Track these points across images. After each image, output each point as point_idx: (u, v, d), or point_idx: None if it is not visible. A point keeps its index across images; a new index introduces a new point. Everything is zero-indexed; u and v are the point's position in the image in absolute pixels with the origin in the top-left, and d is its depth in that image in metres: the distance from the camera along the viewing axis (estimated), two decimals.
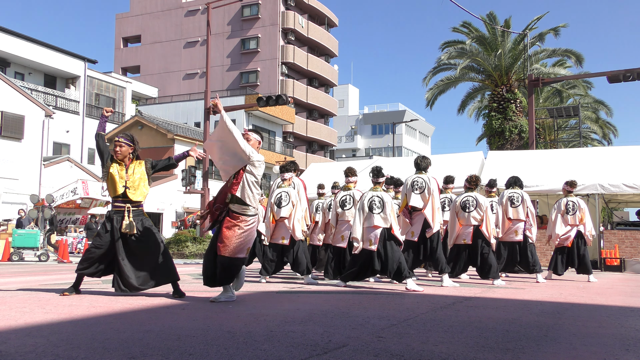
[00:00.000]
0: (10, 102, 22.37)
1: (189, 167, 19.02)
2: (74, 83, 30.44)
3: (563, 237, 8.93)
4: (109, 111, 5.53)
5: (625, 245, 12.60)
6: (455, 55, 25.45)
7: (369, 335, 3.36)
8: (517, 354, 2.92)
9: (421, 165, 7.45)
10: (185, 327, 3.49)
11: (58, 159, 24.66)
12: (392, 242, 6.54)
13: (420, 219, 7.32)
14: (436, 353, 2.87)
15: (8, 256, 14.53)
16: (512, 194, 8.79)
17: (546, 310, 4.92)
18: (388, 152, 53.61)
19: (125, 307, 4.42)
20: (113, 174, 5.21)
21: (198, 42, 41.97)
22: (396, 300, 5.34)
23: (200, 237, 18.16)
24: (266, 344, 2.98)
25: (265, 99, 18.33)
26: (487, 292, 6.54)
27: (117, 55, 45.46)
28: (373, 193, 6.70)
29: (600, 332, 3.74)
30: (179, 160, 5.61)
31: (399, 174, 9.12)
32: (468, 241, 7.95)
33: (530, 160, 14.50)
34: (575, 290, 7.13)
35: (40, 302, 4.63)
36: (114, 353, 2.71)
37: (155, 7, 43.99)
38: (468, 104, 28.85)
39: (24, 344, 2.90)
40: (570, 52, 24.68)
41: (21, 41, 27.90)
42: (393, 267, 6.43)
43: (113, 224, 5.15)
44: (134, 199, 5.22)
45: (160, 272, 5.17)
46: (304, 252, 7.27)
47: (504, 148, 22.89)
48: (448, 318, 4.19)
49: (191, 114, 36.55)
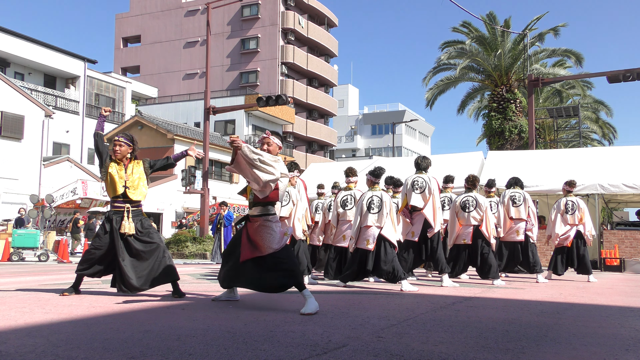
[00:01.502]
0: (10, 102, 22.37)
1: (189, 167, 19.02)
2: (73, 83, 30.44)
3: (562, 237, 8.93)
4: (107, 111, 5.49)
5: (625, 245, 12.60)
6: (455, 55, 25.46)
7: (368, 335, 3.36)
8: (517, 354, 2.91)
9: (422, 165, 7.45)
10: (185, 327, 3.49)
11: (58, 159, 24.66)
12: (386, 243, 6.54)
13: (420, 219, 7.32)
14: (436, 353, 2.87)
15: (8, 256, 14.53)
16: (513, 193, 8.81)
17: (546, 310, 4.92)
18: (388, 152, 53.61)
19: (125, 307, 4.41)
20: (112, 174, 5.20)
21: (198, 42, 41.97)
22: (396, 300, 5.34)
23: (200, 237, 18.17)
24: (266, 344, 2.98)
25: (265, 99, 18.33)
26: (487, 292, 6.54)
27: (117, 55, 45.47)
28: (372, 193, 6.72)
29: (600, 332, 3.73)
30: (178, 160, 5.61)
31: (399, 174, 9.12)
32: (468, 241, 7.96)
33: (530, 160, 14.50)
34: (575, 290, 7.13)
35: (40, 302, 4.63)
36: (114, 353, 2.71)
37: (155, 7, 44.00)
38: (468, 104, 28.86)
39: (24, 344, 2.90)
40: (570, 52, 24.68)
41: (21, 41, 27.90)
42: (387, 269, 6.44)
43: (112, 225, 5.14)
44: (133, 198, 5.22)
45: (160, 272, 5.17)
46: (304, 252, 7.27)
47: (503, 148, 22.90)
48: (448, 318, 4.19)
49: (191, 114, 36.55)
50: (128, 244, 5.14)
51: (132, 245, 5.13)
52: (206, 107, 19.11)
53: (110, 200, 5.32)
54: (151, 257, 5.16)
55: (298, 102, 40.90)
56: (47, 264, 13.58)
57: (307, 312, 4.16)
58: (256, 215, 4.62)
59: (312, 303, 4.26)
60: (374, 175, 6.83)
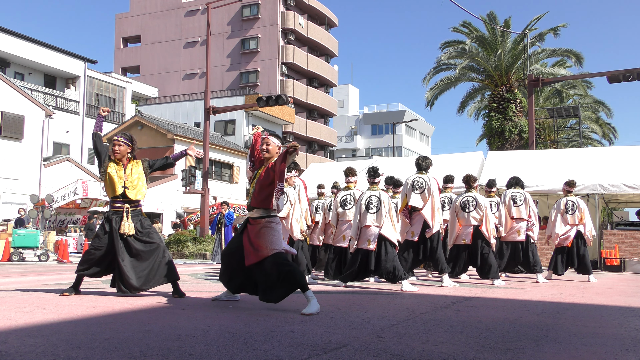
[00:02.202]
0: (10, 102, 22.38)
1: (189, 167, 19.02)
2: (73, 83, 30.44)
3: (562, 237, 8.93)
4: (106, 111, 5.46)
5: (625, 245, 12.61)
6: (455, 55, 25.45)
7: (369, 335, 3.36)
8: (517, 354, 2.91)
9: (422, 165, 7.45)
10: (185, 327, 3.49)
11: (58, 159, 24.66)
12: (386, 243, 6.54)
13: (420, 219, 7.32)
14: (436, 353, 2.87)
15: (8, 256, 14.53)
16: (514, 193, 8.81)
17: (546, 310, 4.92)
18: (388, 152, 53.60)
19: (125, 307, 4.41)
20: (111, 174, 5.20)
21: (198, 42, 41.97)
22: (396, 301, 5.34)
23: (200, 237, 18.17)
24: (266, 344, 2.98)
25: (265, 99, 18.33)
26: (487, 292, 6.54)
27: (117, 55, 45.46)
28: (371, 192, 6.72)
29: (600, 332, 3.73)
30: (177, 159, 5.61)
31: (398, 174, 9.12)
32: (468, 241, 7.96)
33: (530, 160, 14.50)
34: (575, 290, 7.13)
35: (40, 302, 4.63)
36: (114, 353, 2.71)
37: (155, 7, 43.99)
38: (468, 104, 28.86)
39: (24, 344, 2.90)
40: (570, 52, 24.68)
41: (21, 41, 27.89)
42: (387, 269, 6.44)
43: (112, 225, 5.14)
44: (133, 198, 5.21)
45: (160, 272, 5.16)
46: (304, 252, 7.27)
47: (504, 148, 22.89)
48: (448, 318, 4.19)
49: (191, 114, 36.53)
50: (128, 244, 5.13)
51: (131, 245, 5.12)
52: (206, 107, 19.10)
53: (109, 201, 5.31)
54: (151, 257, 5.15)
55: (298, 102, 40.89)
56: (47, 264, 13.58)
57: (309, 312, 4.16)
58: (258, 217, 4.60)
59: (314, 305, 4.25)
60: (370, 176, 6.84)
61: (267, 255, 4.43)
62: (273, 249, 4.45)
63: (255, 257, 4.47)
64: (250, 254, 4.51)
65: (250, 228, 4.62)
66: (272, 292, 4.37)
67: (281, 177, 4.44)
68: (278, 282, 4.35)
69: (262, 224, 4.54)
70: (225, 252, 4.82)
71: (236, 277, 4.70)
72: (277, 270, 4.36)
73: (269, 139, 4.73)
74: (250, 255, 4.50)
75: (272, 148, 4.71)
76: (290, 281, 4.33)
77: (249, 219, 4.70)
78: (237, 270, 4.67)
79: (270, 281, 4.38)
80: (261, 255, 4.45)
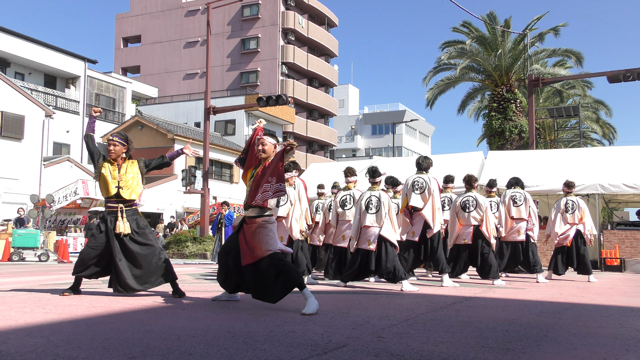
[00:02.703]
0: (10, 102, 22.37)
1: (189, 167, 19.01)
2: (74, 83, 30.44)
3: (562, 237, 8.93)
4: (97, 111, 5.43)
5: (625, 245, 12.61)
6: (455, 55, 25.45)
7: (369, 335, 3.36)
8: (517, 354, 2.91)
9: (422, 165, 7.45)
10: (185, 327, 3.49)
11: (58, 159, 24.66)
12: (386, 243, 6.54)
13: (420, 219, 7.32)
14: (436, 353, 2.87)
15: (8, 256, 14.54)
16: (514, 193, 8.82)
17: (546, 310, 4.92)
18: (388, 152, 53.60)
19: (125, 307, 4.41)
20: (105, 175, 5.18)
21: (198, 42, 41.97)
22: (396, 300, 5.34)
23: (200, 237, 18.17)
24: (266, 344, 2.98)
25: (265, 99, 18.33)
26: (487, 292, 6.54)
27: (117, 55, 45.46)
28: (371, 193, 6.72)
29: (600, 332, 3.73)
30: (173, 159, 5.59)
31: (398, 174, 9.12)
32: (468, 241, 7.96)
33: (530, 160, 14.50)
34: (576, 290, 7.13)
35: (40, 302, 4.63)
36: (114, 353, 2.71)
37: (155, 7, 43.99)
38: (468, 104, 28.86)
39: (24, 344, 2.90)
40: (570, 52, 24.67)
41: (21, 41, 27.89)
42: (387, 269, 6.44)
43: (107, 225, 5.13)
44: (127, 198, 5.20)
45: (158, 272, 5.15)
46: (304, 252, 7.27)
47: (504, 148, 22.89)
48: (448, 318, 4.19)
49: (191, 114, 36.54)
50: (124, 244, 5.11)
51: (127, 245, 5.11)
52: (206, 107, 19.11)
53: (104, 201, 5.30)
54: (147, 257, 5.14)
55: (298, 102, 40.89)
56: (48, 264, 13.58)
57: (309, 312, 4.16)
58: (253, 216, 4.60)
59: (312, 303, 4.25)
60: (370, 176, 6.84)
61: (262, 257, 4.43)
62: (268, 250, 4.45)
63: (251, 258, 4.48)
64: (246, 254, 4.51)
65: (246, 228, 4.62)
66: (270, 292, 4.38)
67: (281, 177, 4.44)
68: (275, 282, 4.36)
69: (258, 223, 4.54)
70: (222, 251, 4.83)
71: (232, 276, 4.71)
72: (273, 271, 4.37)
73: (264, 139, 4.74)
74: (246, 256, 4.51)
75: (267, 148, 4.71)
76: (287, 281, 4.34)
77: (245, 218, 4.71)
78: (233, 269, 4.67)
79: (267, 282, 4.39)
80: (256, 256, 4.45)
